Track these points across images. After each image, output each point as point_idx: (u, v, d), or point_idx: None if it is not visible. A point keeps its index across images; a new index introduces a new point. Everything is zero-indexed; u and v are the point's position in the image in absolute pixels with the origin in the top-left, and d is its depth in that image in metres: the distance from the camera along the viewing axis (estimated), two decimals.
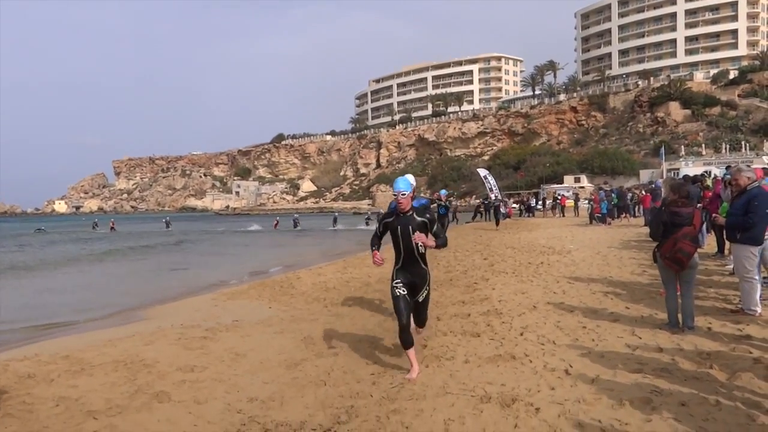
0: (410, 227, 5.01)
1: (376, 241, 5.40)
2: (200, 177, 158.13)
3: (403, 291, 5.11)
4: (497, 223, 28.03)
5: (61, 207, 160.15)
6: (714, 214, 7.33)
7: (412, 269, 5.19)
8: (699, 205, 8.39)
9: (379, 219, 5.59)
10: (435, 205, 16.47)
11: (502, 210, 33.86)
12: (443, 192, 17.69)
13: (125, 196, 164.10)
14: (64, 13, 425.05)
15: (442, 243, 5.11)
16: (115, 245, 31.95)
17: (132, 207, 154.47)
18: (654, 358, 5.14)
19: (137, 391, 5.06)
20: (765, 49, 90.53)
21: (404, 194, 5.01)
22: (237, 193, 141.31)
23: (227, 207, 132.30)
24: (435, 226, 5.10)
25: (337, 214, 52.70)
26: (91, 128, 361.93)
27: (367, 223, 42.70)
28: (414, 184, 5.37)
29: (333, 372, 5.41)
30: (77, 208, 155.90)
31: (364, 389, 4.85)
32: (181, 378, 5.41)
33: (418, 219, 5.07)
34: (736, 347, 5.29)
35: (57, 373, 5.62)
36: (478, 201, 32.92)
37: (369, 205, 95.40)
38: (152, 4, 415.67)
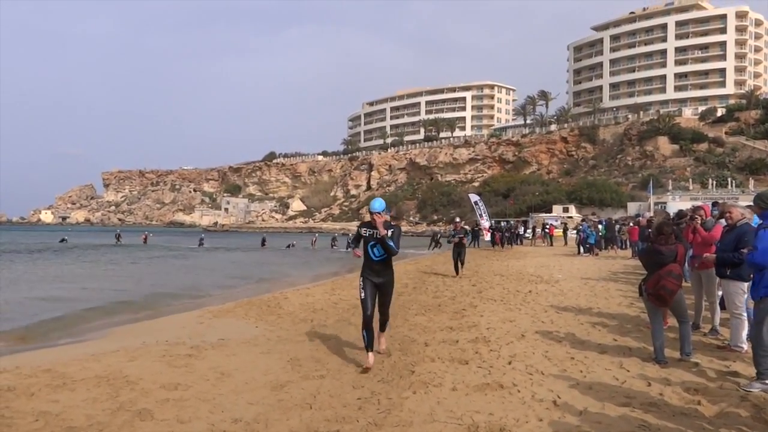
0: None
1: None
2: (190, 192, 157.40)
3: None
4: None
5: (47, 217, 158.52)
6: (705, 254, 7.33)
7: None
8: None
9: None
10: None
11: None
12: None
13: (113, 208, 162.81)
14: (55, 23, 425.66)
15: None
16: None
17: (119, 220, 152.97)
18: (642, 391, 5.14)
19: (119, 408, 4.97)
20: (752, 89, 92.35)
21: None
22: (226, 209, 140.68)
23: (216, 223, 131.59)
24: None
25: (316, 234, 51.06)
26: (80, 139, 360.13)
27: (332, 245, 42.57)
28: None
29: (319, 395, 5.35)
30: (64, 218, 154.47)
31: (351, 414, 4.80)
32: (164, 396, 5.33)
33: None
34: (723, 384, 5.31)
35: (38, 387, 5.51)
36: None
37: (358, 226, 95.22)
38: (148, 19, 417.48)
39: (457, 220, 18.00)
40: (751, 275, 7.32)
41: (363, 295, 6.49)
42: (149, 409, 4.93)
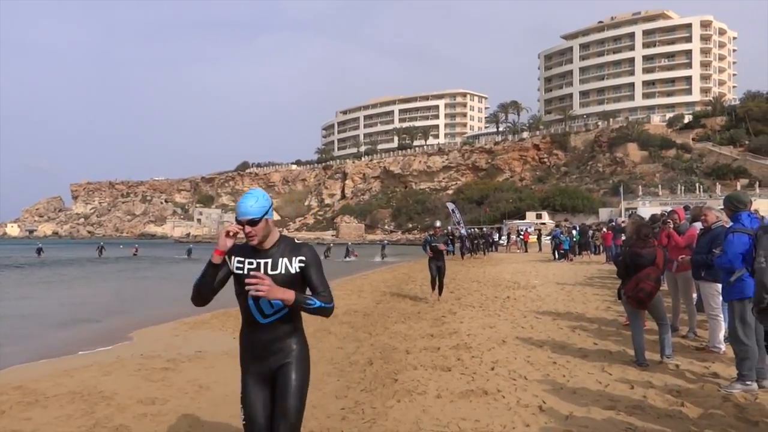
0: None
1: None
2: (161, 203, 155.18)
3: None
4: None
5: (13, 230, 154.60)
6: (681, 257, 7.48)
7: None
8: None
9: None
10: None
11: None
12: None
13: (82, 220, 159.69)
14: (19, 32, 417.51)
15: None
16: None
17: (89, 232, 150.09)
18: (626, 394, 5.15)
19: (95, 424, 4.81)
20: (717, 96, 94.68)
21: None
22: (199, 220, 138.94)
23: (188, 234, 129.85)
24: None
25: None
26: (47, 150, 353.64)
27: (326, 255, 39.13)
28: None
29: None
30: (30, 231, 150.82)
31: (335, 425, 4.72)
32: (142, 411, 5.18)
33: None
34: (704, 385, 5.35)
35: (9, 405, 5.32)
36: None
37: (332, 236, 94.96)
38: (117, 28, 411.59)
39: (437, 224, 13.97)
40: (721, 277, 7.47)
41: (243, 410, 3.04)
42: (126, 425, 4.78)
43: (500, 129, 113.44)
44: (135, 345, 8.66)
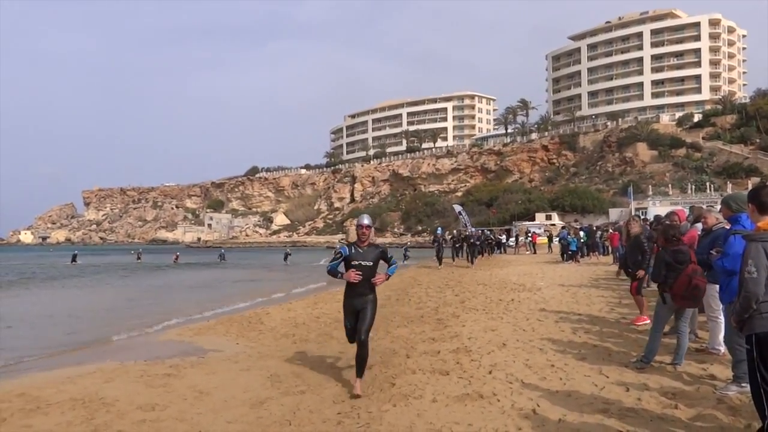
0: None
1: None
2: (172, 209, 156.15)
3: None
4: (472, 261, 27.25)
5: (27, 237, 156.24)
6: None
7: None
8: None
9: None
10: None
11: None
12: None
13: (94, 227, 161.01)
14: (27, 39, 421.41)
15: None
16: None
17: (101, 238, 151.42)
18: (620, 397, 5.15)
19: (94, 431, 4.89)
20: (726, 94, 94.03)
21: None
22: (209, 225, 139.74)
23: (199, 239, 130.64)
24: None
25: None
26: (58, 157, 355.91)
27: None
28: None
29: (299, 411, 5.30)
30: (44, 238, 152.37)
31: (330, 429, 4.77)
32: (141, 417, 5.25)
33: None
34: (700, 387, 5.34)
35: (10, 412, 5.41)
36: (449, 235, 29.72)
37: (342, 239, 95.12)
38: (125, 35, 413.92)
39: (365, 221, 6.19)
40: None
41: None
42: (125, 431, 4.86)
43: (509, 130, 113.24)
44: (140, 351, 8.74)
